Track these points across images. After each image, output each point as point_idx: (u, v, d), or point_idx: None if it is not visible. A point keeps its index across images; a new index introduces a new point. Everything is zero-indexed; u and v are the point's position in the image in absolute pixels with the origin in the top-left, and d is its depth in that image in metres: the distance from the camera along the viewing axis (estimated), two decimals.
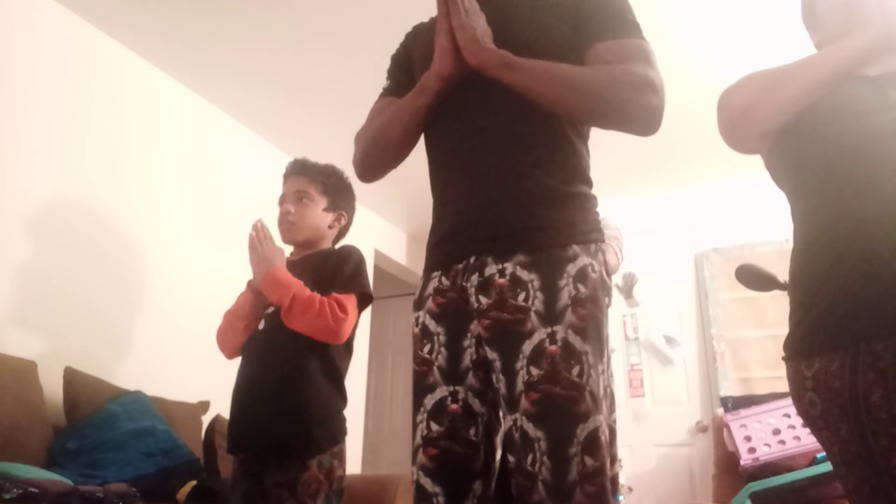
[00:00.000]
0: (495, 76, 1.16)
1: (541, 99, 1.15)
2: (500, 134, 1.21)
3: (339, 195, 2.01)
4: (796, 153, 1.14)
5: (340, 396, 1.84)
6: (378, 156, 1.32)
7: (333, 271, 1.86)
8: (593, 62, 1.18)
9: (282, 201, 2.00)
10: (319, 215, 1.97)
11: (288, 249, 2.01)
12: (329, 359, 1.82)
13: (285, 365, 1.78)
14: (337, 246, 2.04)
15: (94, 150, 2.79)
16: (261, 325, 1.88)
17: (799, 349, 1.08)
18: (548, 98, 1.15)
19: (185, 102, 3.29)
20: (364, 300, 1.89)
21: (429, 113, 1.26)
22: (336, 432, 1.79)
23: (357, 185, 2.01)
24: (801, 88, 1.12)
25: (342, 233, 2.06)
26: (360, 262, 1.91)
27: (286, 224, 1.95)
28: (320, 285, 1.82)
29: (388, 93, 1.40)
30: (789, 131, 1.14)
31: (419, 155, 1.36)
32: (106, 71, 2.89)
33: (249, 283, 1.93)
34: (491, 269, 1.15)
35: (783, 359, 1.12)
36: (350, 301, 1.81)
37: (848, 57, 1.12)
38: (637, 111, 1.15)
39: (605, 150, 1.33)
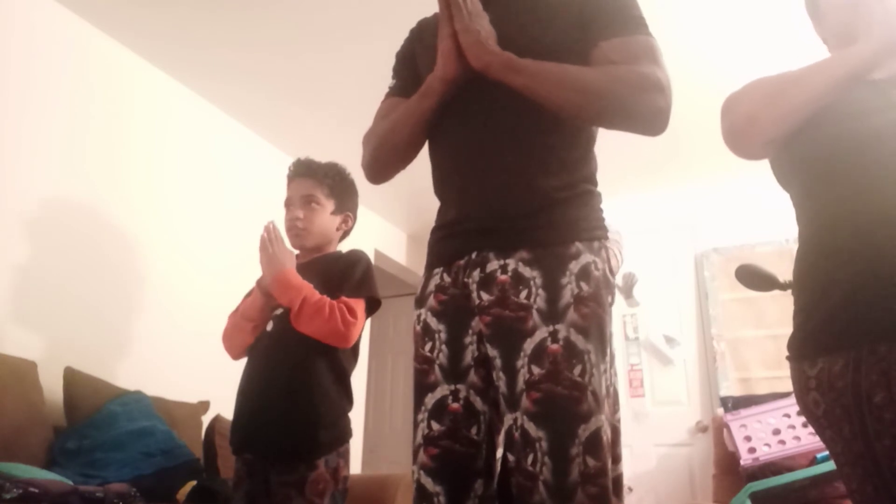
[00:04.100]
0: (499, 79, 1.14)
1: (545, 101, 1.14)
2: (504, 136, 1.20)
3: (345, 196, 1.99)
4: (800, 155, 1.14)
5: (347, 398, 1.84)
6: (386, 159, 1.32)
7: (342, 275, 1.85)
8: (599, 62, 1.16)
9: (288, 205, 1.96)
10: (328, 219, 1.95)
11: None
12: (336, 361, 1.82)
13: (293, 367, 1.77)
14: (341, 247, 2.03)
15: (94, 150, 2.78)
16: (269, 327, 1.87)
17: (802, 349, 1.08)
18: (553, 100, 1.14)
19: (185, 102, 3.28)
20: (373, 305, 1.88)
21: (433, 116, 1.25)
22: (342, 433, 1.79)
23: (357, 184, 2.01)
24: (806, 97, 1.11)
25: (346, 233, 2.04)
26: (369, 266, 1.90)
27: (296, 230, 1.92)
28: (329, 289, 1.81)
29: (394, 92, 1.39)
30: (793, 134, 1.13)
31: (420, 155, 1.35)
32: (106, 71, 2.89)
33: (259, 283, 1.91)
34: (493, 265, 1.14)
35: (787, 358, 1.12)
36: (359, 305, 1.81)
37: (853, 66, 1.11)
38: (644, 113, 1.13)
39: (605, 149, 1.33)
